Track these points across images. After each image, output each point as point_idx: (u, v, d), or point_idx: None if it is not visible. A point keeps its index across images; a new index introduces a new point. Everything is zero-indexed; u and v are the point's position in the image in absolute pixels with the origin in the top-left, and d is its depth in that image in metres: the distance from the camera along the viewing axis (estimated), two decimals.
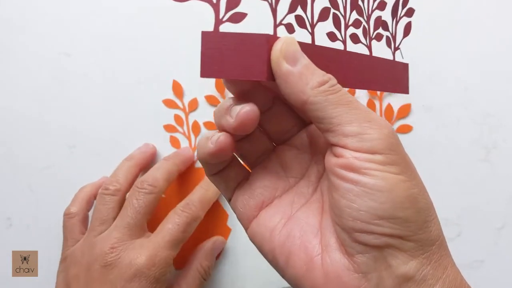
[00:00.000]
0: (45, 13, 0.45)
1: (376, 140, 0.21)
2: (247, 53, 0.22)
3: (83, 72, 0.44)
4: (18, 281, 0.43)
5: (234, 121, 0.23)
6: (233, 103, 0.23)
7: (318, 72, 0.23)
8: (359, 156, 0.21)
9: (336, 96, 0.22)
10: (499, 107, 0.42)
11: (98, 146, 0.44)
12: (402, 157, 0.22)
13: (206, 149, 0.23)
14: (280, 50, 0.22)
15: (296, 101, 0.22)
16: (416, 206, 0.21)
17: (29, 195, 0.44)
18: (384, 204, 0.21)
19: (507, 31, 0.43)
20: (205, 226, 0.43)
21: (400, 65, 0.37)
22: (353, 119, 0.22)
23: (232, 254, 0.43)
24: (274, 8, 0.24)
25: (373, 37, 0.34)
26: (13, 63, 0.45)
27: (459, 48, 0.43)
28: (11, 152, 0.44)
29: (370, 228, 0.21)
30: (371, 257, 0.22)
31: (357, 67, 0.30)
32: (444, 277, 0.22)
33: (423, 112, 0.43)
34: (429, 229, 0.22)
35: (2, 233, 0.44)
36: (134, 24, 0.44)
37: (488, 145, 0.42)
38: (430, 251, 0.22)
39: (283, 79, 0.22)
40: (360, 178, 0.21)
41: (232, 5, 0.23)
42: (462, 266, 0.41)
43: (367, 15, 0.33)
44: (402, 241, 0.21)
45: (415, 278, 0.21)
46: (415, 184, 0.22)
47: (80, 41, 0.45)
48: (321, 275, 0.22)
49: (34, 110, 0.45)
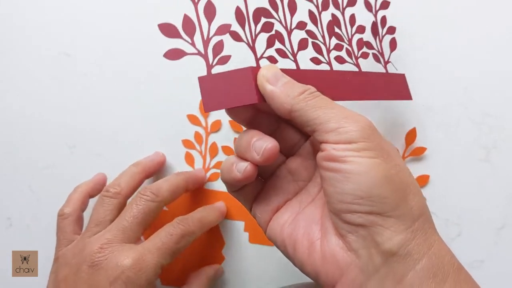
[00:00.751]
0: (45, 13, 0.45)
1: (351, 131, 0.24)
2: (238, 85, 0.26)
3: (83, 72, 0.44)
4: (18, 281, 0.43)
5: (260, 157, 0.26)
6: (255, 138, 0.27)
7: (297, 85, 0.27)
8: (338, 147, 0.24)
9: (315, 100, 0.26)
10: (498, 107, 0.42)
11: (98, 146, 0.44)
12: (377, 144, 0.25)
13: (232, 175, 0.27)
14: (263, 75, 0.26)
15: (284, 113, 0.26)
16: (391, 184, 0.24)
17: (29, 195, 0.44)
18: (361, 185, 0.24)
19: (507, 31, 0.43)
20: (200, 249, 0.43)
21: (396, 75, 0.39)
22: (331, 117, 0.25)
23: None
24: (252, 46, 0.29)
25: (359, 56, 0.37)
26: (13, 63, 0.45)
27: (459, 48, 0.43)
28: (11, 152, 0.44)
29: (353, 208, 0.24)
30: (359, 235, 0.24)
31: (350, 82, 0.33)
32: (430, 253, 0.24)
33: (423, 112, 0.43)
34: (409, 205, 0.24)
35: (2, 233, 0.44)
36: (134, 24, 0.44)
37: (488, 145, 0.42)
38: (413, 226, 0.24)
39: (269, 97, 0.26)
40: (340, 166, 0.24)
41: (217, 51, 0.28)
42: None
43: (348, 39, 0.36)
44: (383, 218, 0.24)
45: (400, 253, 0.23)
46: (391, 166, 0.24)
47: (80, 41, 0.45)
48: (320, 257, 0.26)
49: (34, 110, 0.45)
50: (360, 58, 0.36)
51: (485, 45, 0.43)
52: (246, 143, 0.27)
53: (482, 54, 0.43)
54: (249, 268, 0.43)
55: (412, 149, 0.42)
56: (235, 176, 0.27)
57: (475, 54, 0.43)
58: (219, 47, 0.28)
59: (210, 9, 0.28)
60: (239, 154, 0.28)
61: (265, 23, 0.29)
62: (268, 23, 0.30)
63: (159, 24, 0.27)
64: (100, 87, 0.44)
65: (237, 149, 0.28)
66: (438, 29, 0.43)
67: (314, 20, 0.33)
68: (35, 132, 0.44)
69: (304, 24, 0.32)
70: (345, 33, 0.36)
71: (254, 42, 0.29)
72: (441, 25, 0.43)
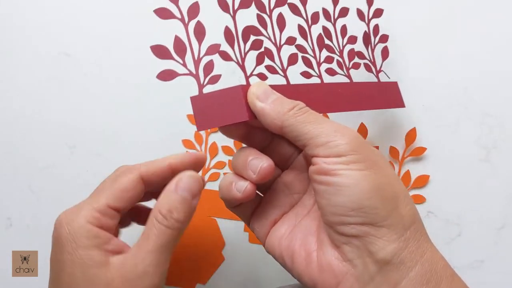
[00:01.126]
0: (45, 13, 0.45)
1: (341, 145, 0.25)
2: (228, 103, 0.27)
3: (83, 72, 0.44)
4: (18, 281, 0.43)
5: (256, 176, 0.27)
6: (251, 157, 0.27)
7: (287, 101, 0.27)
8: (328, 161, 0.25)
9: (304, 116, 0.26)
10: (498, 107, 0.42)
11: (98, 146, 0.44)
12: (366, 156, 0.25)
13: (232, 194, 0.28)
14: (253, 93, 0.27)
15: (275, 129, 0.27)
16: (381, 195, 0.24)
17: (29, 195, 0.44)
18: (352, 196, 0.24)
19: (506, 31, 0.43)
20: (200, 249, 0.43)
21: (389, 84, 0.39)
22: (320, 132, 0.26)
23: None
24: (242, 64, 0.29)
25: (350, 67, 0.37)
26: (13, 63, 0.45)
27: (459, 48, 0.43)
28: (11, 152, 0.44)
29: (346, 220, 0.25)
30: (353, 246, 0.25)
31: (342, 94, 0.34)
32: (422, 260, 0.24)
33: (423, 112, 0.43)
34: (400, 214, 0.25)
35: (2, 233, 0.44)
36: (134, 24, 0.44)
37: (488, 145, 0.42)
38: (405, 235, 0.24)
39: (260, 114, 0.27)
40: (331, 179, 0.25)
41: (208, 71, 0.28)
42: (462, 266, 0.42)
43: (339, 51, 0.37)
44: (375, 228, 0.24)
45: (393, 261, 0.24)
46: (380, 176, 0.25)
47: (80, 41, 0.45)
48: (317, 267, 0.26)
49: (34, 110, 0.45)
50: (351, 69, 0.37)
51: (485, 45, 0.43)
52: (243, 162, 0.28)
53: (482, 54, 0.43)
54: (249, 268, 0.43)
55: (412, 149, 0.42)
56: (234, 195, 0.28)
57: (475, 54, 0.43)
58: (209, 66, 0.29)
59: (200, 29, 0.28)
60: (236, 172, 0.28)
61: (254, 41, 0.30)
62: (257, 40, 0.30)
63: (151, 46, 0.28)
64: (100, 87, 0.44)
65: (234, 167, 0.28)
66: (438, 29, 0.43)
67: (303, 34, 0.34)
68: (35, 132, 0.44)
69: (294, 39, 0.33)
70: (336, 44, 0.36)
71: (243, 60, 0.30)
72: (441, 25, 0.43)
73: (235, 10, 0.29)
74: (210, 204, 0.43)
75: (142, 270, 0.25)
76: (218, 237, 0.43)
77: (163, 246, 0.26)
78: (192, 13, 0.28)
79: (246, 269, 0.43)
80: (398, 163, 0.42)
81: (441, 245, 0.42)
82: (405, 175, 0.42)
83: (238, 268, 0.43)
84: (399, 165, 0.42)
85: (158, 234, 0.26)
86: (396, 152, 0.42)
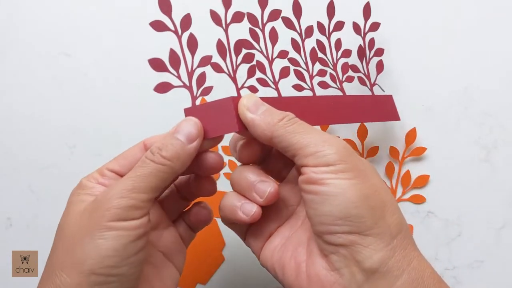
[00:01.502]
0: (45, 13, 0.45)
1: (329, 154, 0.25)
2: (220, 115, 0.28)
3: (83, 72, 0.44)
4: (18, 281, 0.43)
5: (264, 200, 0.28)
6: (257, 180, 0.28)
7: (276, 112, 0.28)
8: (316, 170, 0.25)
9: (293, 127, 0.27)
10: (499, 107, 0.42)
11: (98, 146, 0.44)
12: (353, 165, 0.25)
13: (238, 217, 0.28)
14: (243, 104, 0.28)
15: (265, 139, 0.27)
16: (368, 204, 0.25)
17: (29, 195, 0.44)
18: (339, 206, 0.24)
19: (507, 32, 0.43)
20: (200, 249, 0.43)
21: (383, 97, 0.40)
22: (309, 142, 0.26)
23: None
24: (233, 76, 0.30)
25: (344, 80, 0.38)
26: (13, 63, 0.45)
27: (459, 48, 0.43)
28: (11, 152, 0.44)
29: (333, 229, 0.25)
30: (340, 255, 0.25)
31: (334, 106, 0.34)
32: (409, 269, 0.24)
33: (423, 112, 0.43)
34: (386, 223, 0.25)
35: (2, 233, 0.44)
36: (134, 24, 0.44)
37: (488, 145, 0.42)
38: (392, 244, 0.24)
39: (250, 125, 0.27)
40: (319, 188, 0.25)
41: (201, 83, 0.29)
42: (462, 266, 0.42)
43: (333, 64, 0.37)
44: (361, 237, 0.24)
45: (380, 270, 0.24)
46: (368, 186, 0.25)
47: (80, 41, 0.45)
48: (306, 278, 0.26)
49: (34, 110, 0.45)
50: (345, 82, 0.37)
51: (485, 45, 0.43)
52: (247, 184, 0.28)
53: (482, 54, 0.43)
54: (249, 268, 0.43)
55: (412, 149, 0.42)
56: (241, 218, 0.28)
57: (475, 54, 0.43)
58: (202, 78, 0.29)
59: (192, 41, 0.29)
60: (238, 191, 0.29)
61: (246, 54, 0.31)
62: (249, 54, 0.31)
63: (149, 60, 0.28)
64: (100, 87, 0.44)
65: (236, 187, 0.29)
66: (438, 29, 0.43)
67: (297, 47, 0.35)
68: (35, 132, 0.44)
69: (286, 52, 0.33)
70: (330, 58, 0.37)
71: (235, 72, 0.30)
72: (441, 25, 0.43)
73: (228, 24, 0.30)
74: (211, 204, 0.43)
75: (114, 191, 0.25)
76: (218, 237, 0.43)
77: (144, 176, 0.25)
78: (184, 25, 0.29)
79: (246, 269, 0.43)
80: (398, 163, 0.42)
81: (441, 245, 0.42)
82: (405, 175, 0.42)
83: (238, 268, 0.43)
84: (399, 165, 0.42)
85: (141, 164, 0.26)
86: (396, 152, 0.42)
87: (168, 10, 0.29)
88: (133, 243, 0.24)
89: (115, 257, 0.24)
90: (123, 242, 0.24)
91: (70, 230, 0.26)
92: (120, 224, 0.24)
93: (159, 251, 0.30)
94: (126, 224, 0.24)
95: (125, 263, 0.24)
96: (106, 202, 0.25)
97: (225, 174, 0.43)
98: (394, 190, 0.42)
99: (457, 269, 0.42)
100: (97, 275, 0.24)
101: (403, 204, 0.42)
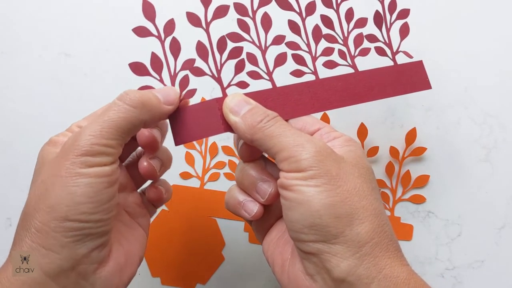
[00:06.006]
0: (45, 13, 0.45)
1: (301, 160, 0.25)
2: (204, 117, 0.27)
3: (83, 72, 0.44)
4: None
5: (265, 201, 0.28)
6: (259, 180, 0.29)
7: (259, 112, 0.27)
8: (288, 176, 0.25)
9: (271, 129, 0.26)
10: (499, 107, 0.42)
11: None
12: (325, 171, 0.25)
13: (241, 214, 0.29)
14: (226, 106, 0.27)
15: (248, 142, 0.27)
16: (332, 213, 0.24)
17: None
18: (303, 214, 0.24)
19: (507, 31, 0.43)
20: (200, 249, 0.43)
21: (409, 65, 0.35)
22: (284, 146, 0.25)
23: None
24: (218, 77, 0.29)
25: (356, 55, 0.34)
26: (13, 63, 0.45)
27: (459, 48, 0.43)
28: (11, 152, 0.44)
29: (300, 237, 0.25)
30: (312, 262, 0.25)
31: (342, 87, 0.31)
32: (380, 277, 0.24)
33: (423, 112, 0.43)
34: (355, 232, 0.24)
35: (2, 233, 0.44)
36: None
37: (488, 145, 0.42)
38: (360, 252, 0.24)
39: (235, 128, 0.27)
40: (289, 194, 0.25)
41: (184, 85, 0.29)
42: (462, 266, 0.42)
43: (343, 38, 0.34)
44: (328, 245, 0.24)
45: (348, 279, 0.24)
46: (336, 193, 0.24)
47: (80, 41, 0.45)
48: (287, 277, 0.27)
49: (34, 110, 0.45)
50: (357, 57, 0.34)
51: (486, 45, 0.43)
52: (249, 183, 0.29)
53: (482, 54, 0.43)
54: (249, 268, 0.43)
55: (412, 149, 0.42)
56: (243, 215, 0.29)
57: (475, 54, 0.43)
58: (185, 81, 0.29)
59: (175, 45, 0.29)
60: (241, 187, 0.30)
61: (232, 49, 0.30)
62: (235, 48, 0.30)
63: (129, 64, 0.28)
64: (100, 87, 0.44)
65: (239, 184, 0.30)
66: (438, 29, 0.43)
67: (295, 29, 0.32)
68: (35, 132, 0.44)
69: (282, 37, 0.31)
70: (339, 32, 0.33)
71: (219, 72, 0.29)
72: (441, 25, 0.43)
73: (208, 22, 0.29)
74: (210, 204, 0.43)
75: (83, 136, 0.25)
76: (218, 237, 0.43)
77: (111, 120, 0.25)
78: (168, 30, 0.29)
79: (246, 269, 0.43)
80: (398, 163, 0.42)
81: (441, 245, 0.42)
82: (405, 175, 0.42)
83: (238, 268, 0.43)
84: (399, 165, 0.42)
85: (108, 108, 0.26)
86: (396, 152, 0.42)
87: (152, 17, 0.29)
88: (106, 190, 0.25)
89: (90, 203, 0.24)
90: (97, 188, 0.24)
91: (41, 178, 0.26)
92: (93, 170, 0.24)
93: (125, 211, 0.30)
94: (98, 170, 0.24)
95: (99, 209, 0.24)
96: (75, 148, 0.25)
97: (225, 174, 0.43)
98: (394, 190, 0.42)
99: (457, 269, 0.42)
100: (72, 221, 0.24)
101: (403, 204, 0.42)
